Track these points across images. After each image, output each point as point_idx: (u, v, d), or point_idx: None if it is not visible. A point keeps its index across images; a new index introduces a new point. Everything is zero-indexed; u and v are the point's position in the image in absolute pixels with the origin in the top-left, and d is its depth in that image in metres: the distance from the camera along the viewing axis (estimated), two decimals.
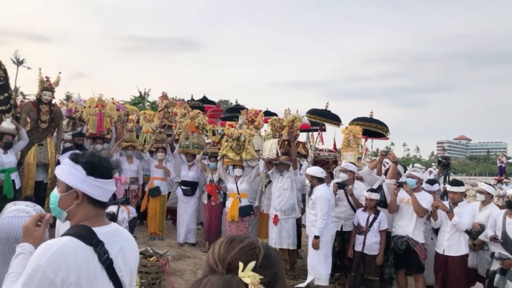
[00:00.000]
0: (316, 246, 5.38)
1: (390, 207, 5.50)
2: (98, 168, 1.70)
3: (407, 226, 5.29)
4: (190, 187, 7.54)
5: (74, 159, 1.72)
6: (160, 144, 7.96)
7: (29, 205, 4.92)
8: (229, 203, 6.73)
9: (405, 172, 5.73)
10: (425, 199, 5.24)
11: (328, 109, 9.16)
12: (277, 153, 6.23)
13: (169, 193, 8.36)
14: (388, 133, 9.06)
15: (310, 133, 11.98)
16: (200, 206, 7.64)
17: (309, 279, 5.42)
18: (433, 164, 19.66)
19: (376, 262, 5.38)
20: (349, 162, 6.21)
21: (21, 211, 4.54)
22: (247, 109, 7.81)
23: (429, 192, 5.52)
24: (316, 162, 7.22)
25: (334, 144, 9.50)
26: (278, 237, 6.24)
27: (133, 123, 8.91)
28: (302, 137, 11.27)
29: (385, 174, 5.95)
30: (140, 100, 38.47)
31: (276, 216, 6.27)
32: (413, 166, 5.93)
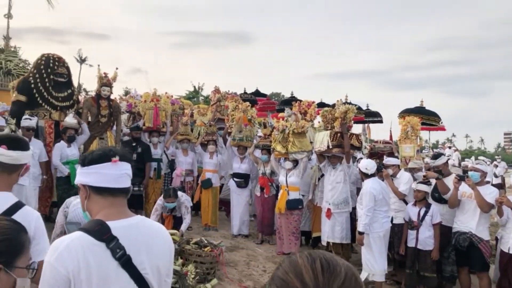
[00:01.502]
0: (360, 242, 5.25)
1: (451, 201, 5.23)
2: (88, 156, 1.67)
3: (470, 222, 5.00)
4: (243, 179, 7.61)
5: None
6: (211, 137, 8.08)
7: None
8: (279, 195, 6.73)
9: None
10: (490, 194, 4.93)
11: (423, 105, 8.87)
12: (329, 146, 6.12)
13: (222, 185, 8.49)
14: (441, 122, 8.66)
15: (366, 124, 11.70)
16: (253, 199, 7.70)
17: (363, 275, 5.28)
18: (496, 157, 18.47)
19: (431, 258, 5.15)
20: (408, 155, 6.01)
21: None
22: (300, 101, 7.73)
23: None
24: (371, 154, 7.04)
25: (390, 136, 9.18)
26: (331, 231, 6.15)
27: (188, 116, 9.13)
28: (358, 128, 11.03)
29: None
30: (194, 95, 39.32)
31: (329, 209, 6.17)
32: (476, 159, 5.60)
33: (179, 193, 5.94)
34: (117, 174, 1.64)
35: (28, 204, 2.25)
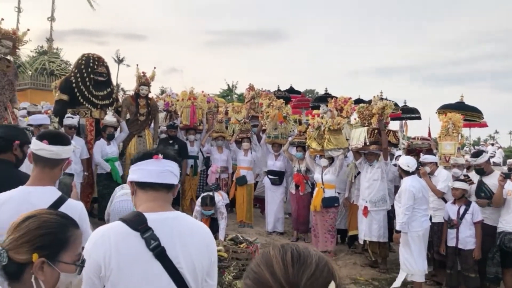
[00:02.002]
0: (396, 240, 5.16)
1: (496, 200, 5.02)
2: (135, 156, 1.77)
3: None
4: (278, 177, 7.60)
5: None
6: (245, 134, 8.11)
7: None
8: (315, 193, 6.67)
9: None
10: None
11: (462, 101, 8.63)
12: (366, 142, 6.01)
13: (257, 182, 8.51)
14: (482, 118, 8.35)
15: (403, 121, 11.44)
16: (288, 196, 7.68)
17: (402, 275, 5.16)
18: None
19: (473, 257, 4.97)
20: (448, 153, 5.82)
21: (129, 195, 5.13)
22: (336, 97, 7.62)
23: None
24: (409, 151, 6.86)
25: (429, 132, 8.93)
26: (368, 229, 6.05)
27: (222, 114, 9.21)
28: (395, 125, 10.80)
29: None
30: (228, 93, 39.61)
31: (365, 207, 6.08)
32: None
33: (216, 198, 5.96)
34: (159, 170, 1.69)
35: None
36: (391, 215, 6.26)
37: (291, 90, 14.68)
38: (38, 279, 1.24)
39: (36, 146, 2.13)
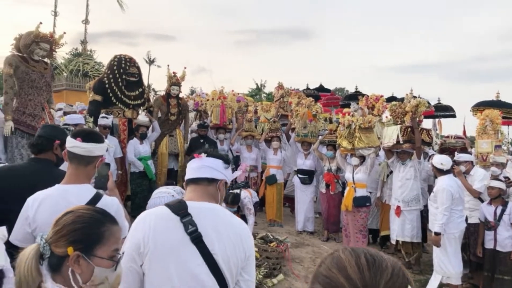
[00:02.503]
0: (436, 244, 4.94)
1: None
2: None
3: None
4: (307, 176, 7.56)
5: None
6: (275, 133, 8.10)
7: (170, 187, 5.77)
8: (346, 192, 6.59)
9: None
10: None
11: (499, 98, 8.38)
12: (399, 141, 5.89)
13: (286, 181, 8.49)
14: None
15: (437, 119, 11.14)
16: (318, 195, 7.62)
17: (437, 278, 5.02)
18: None
19: (511, 259, 4.80)
20: (485, 151, 5.63)
21: (163, 193, 5.44)
22: (367, 95, 7.50)
23: None
24: (442, 150, 6.69)
25: (464, 131, 8.67)
26: (401, 229, 5.94)
27: (252, 113, 9.23)
28: (428, 123, 10.55)
29: None
30: (257, 92, 39.74)
31: (398, 207, 5.96)
32: None
33: (242, 194, 6.00)
34: (198, 165, 1.84)
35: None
36: (424, 215, 6.12)
37: (321, 88, 14.57)
38: (74, 272, 1.29)
39: (71, 143, 2.20)
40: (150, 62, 45.73)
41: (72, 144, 2.19)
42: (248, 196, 6.03)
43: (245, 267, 1.73)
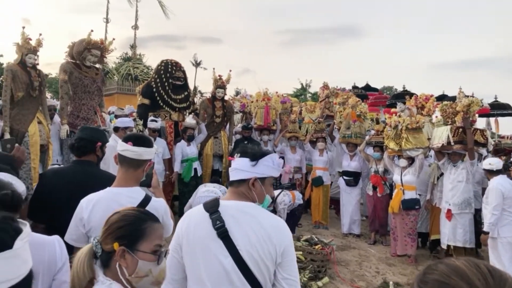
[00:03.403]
0: (484, 242, 4.82)
1: None
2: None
3: None
4: (353, 178, 7.42)
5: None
6: (320, 134, 8.02)
7: (216, 186, 5.91)
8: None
9: None
10: None
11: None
12: (450, 142, 5.65)
13: (331, 182, 8.38)
14: None
15: (494, 118, 10.58)
16: (364, 197, 7.46)
17: None
18: None
19: None
20: None
21: (210, 192, 5.63)
22: (416, 95, 7.24)
23: None
24: (496, 151, 6.35)
25: None
26: (452, 234, 5.69)
27: (296, 114, 9.18)
28: (482, 123, 10.05)
29: None
30: (302, 92, 39.46)
31: (449, 210, 5.72)
32: None
33: (280, 197, 5.96)
34: (231, 168, 1.92)
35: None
36: (478, 219, 5.84)
37: (368, 88, 14.26)
38: (121, 266, 1.40)
39: (122, 147, 2.27)
40: (197, 64, 46.59)
41: (124, 148, 2.26)
42: (285, 201, 5.98)
43: (282, 264, 1.75)
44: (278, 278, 1.74)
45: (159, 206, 2.27)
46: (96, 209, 2.19)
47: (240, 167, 1.87)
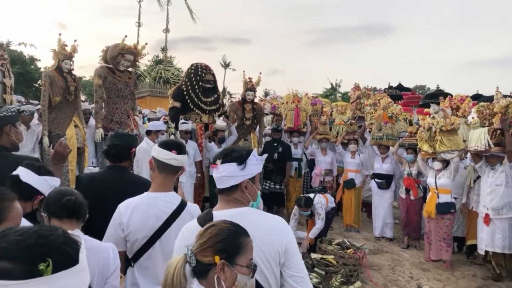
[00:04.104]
0: None
1: None
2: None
3: None
4: (385, 180, 7.28)
5: None
6: (352, 136, 7.91)
7: None
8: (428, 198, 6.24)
9: None
10: None
11: None
12: (487, 144, 5.45)
13: (363, 185, 8.25)
14: None
15: None
16: (397, 200, 7.31)
17: None
18: None
19: None
20: None
21: None
22: (451, 96, 7.03)
23: None
24: None
25: None
26: (490, 239, 5.49)
27: (327, 115, 9.10)
28: None
29: None
30: (331, 92, 39.16)
31: (487, 215, 5.52)
32: None
33: (316, 198, 5.95)
34: (217, 176, 1.86)
35: (185, 199, 2.53)
36: None
37: (400, 87, 13.99)
38: (220, 278, 1.43)
39: (167, 155, 2.31)
40: (226, 65, 46.98)
41: (169, 157, 2.30)
42: (321, 202, 5.96)
43: (286, 263, 1.73)
44: (285, 277, 1.73)
45: (194, 211, 2.34)
46: (135, 214, 2.26)
47: (228, 174, 1.81)
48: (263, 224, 1.77)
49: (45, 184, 2.26)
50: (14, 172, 2.23)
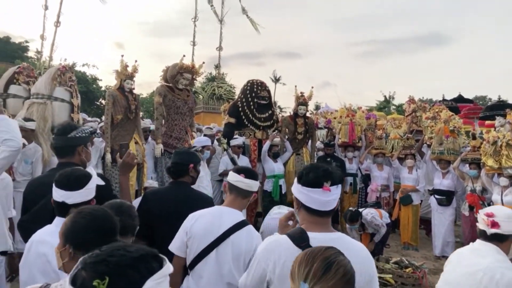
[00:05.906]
0: None
1: None
2: (303, 177, 1.82)
3: None
4: (445, 197, 6.98)
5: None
6: (409, 151, 7.69)
7: (290, 209, 5.82)
8: None
9: None
10: None
11: None
12: None
13: (421, 201, 7.96)
14: None
15: None
16: (460, 218, 6.97)
17: None
18: None
19: None
20: None
21: (281, 214, 5.44)
22: None
23: None
24: None
25: None
26: None
27: (382, 129, 8.91)
28: None
29: None
30: (385, 104, 38.20)
31: None
32: None
33: (365, 211, 5.78)
34: (326, 200, 1.78)
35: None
36: None
37: (460, 99, 13.45)
38: None
39: (235, 178, 2.51)
40: (276, 80, 47.28)
41: (237, 179, 2.50)
42: (371, 213, 5.78)
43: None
44: None
45: (253, 232, 2.46)
46: (199, 221, 2.44)
47: (337, 197, 1.81)
48: (357, 253, 1.73)
49: None
50: None
